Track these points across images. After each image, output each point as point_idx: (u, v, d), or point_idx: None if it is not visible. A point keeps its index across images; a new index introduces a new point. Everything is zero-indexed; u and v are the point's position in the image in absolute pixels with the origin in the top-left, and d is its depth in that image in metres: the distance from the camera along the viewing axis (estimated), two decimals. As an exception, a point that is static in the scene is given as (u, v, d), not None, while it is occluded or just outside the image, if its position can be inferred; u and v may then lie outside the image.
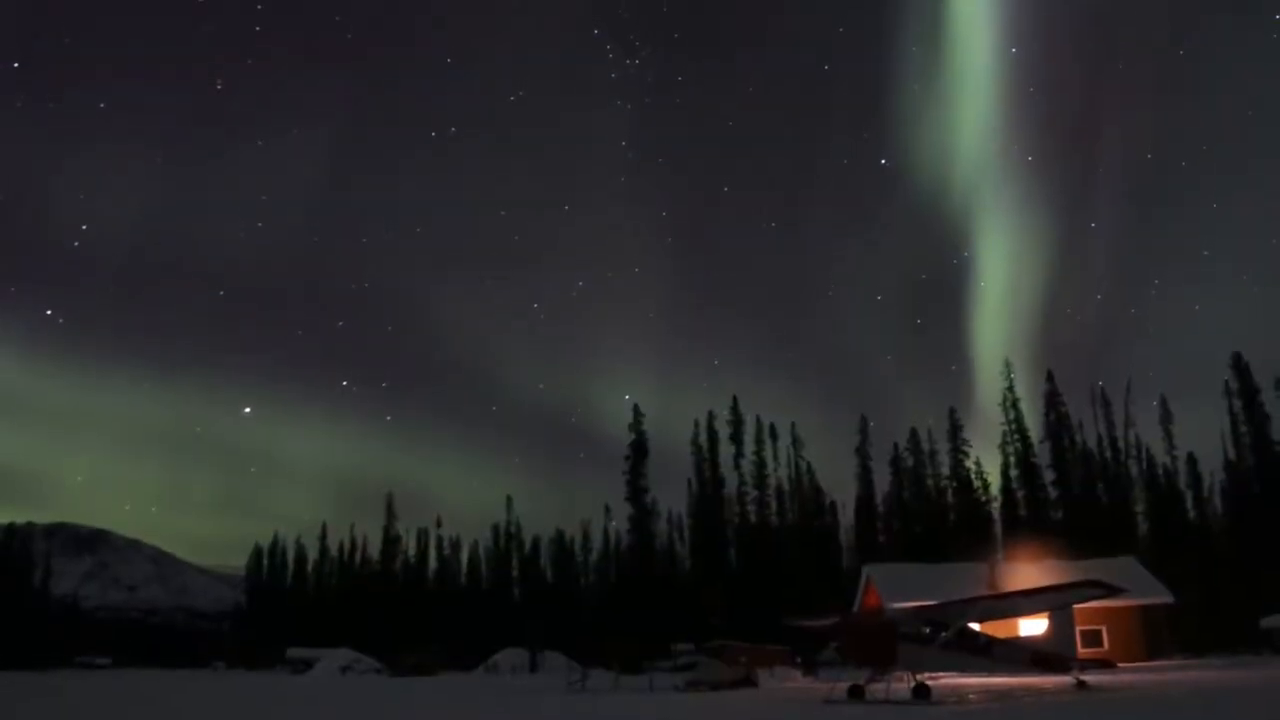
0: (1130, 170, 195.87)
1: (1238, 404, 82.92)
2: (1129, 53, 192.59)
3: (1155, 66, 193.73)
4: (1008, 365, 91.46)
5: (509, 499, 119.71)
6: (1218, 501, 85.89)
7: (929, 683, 27.60)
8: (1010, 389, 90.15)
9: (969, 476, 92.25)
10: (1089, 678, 32.09)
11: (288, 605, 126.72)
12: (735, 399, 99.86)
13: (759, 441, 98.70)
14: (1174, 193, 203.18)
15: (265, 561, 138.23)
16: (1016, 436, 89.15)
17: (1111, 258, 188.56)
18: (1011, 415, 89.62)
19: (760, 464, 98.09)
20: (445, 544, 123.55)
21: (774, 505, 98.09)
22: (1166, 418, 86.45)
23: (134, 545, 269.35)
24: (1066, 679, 31.90)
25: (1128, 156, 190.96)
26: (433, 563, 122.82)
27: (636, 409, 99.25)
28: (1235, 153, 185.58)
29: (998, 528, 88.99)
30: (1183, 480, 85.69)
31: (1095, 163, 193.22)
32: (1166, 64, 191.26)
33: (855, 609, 57.87)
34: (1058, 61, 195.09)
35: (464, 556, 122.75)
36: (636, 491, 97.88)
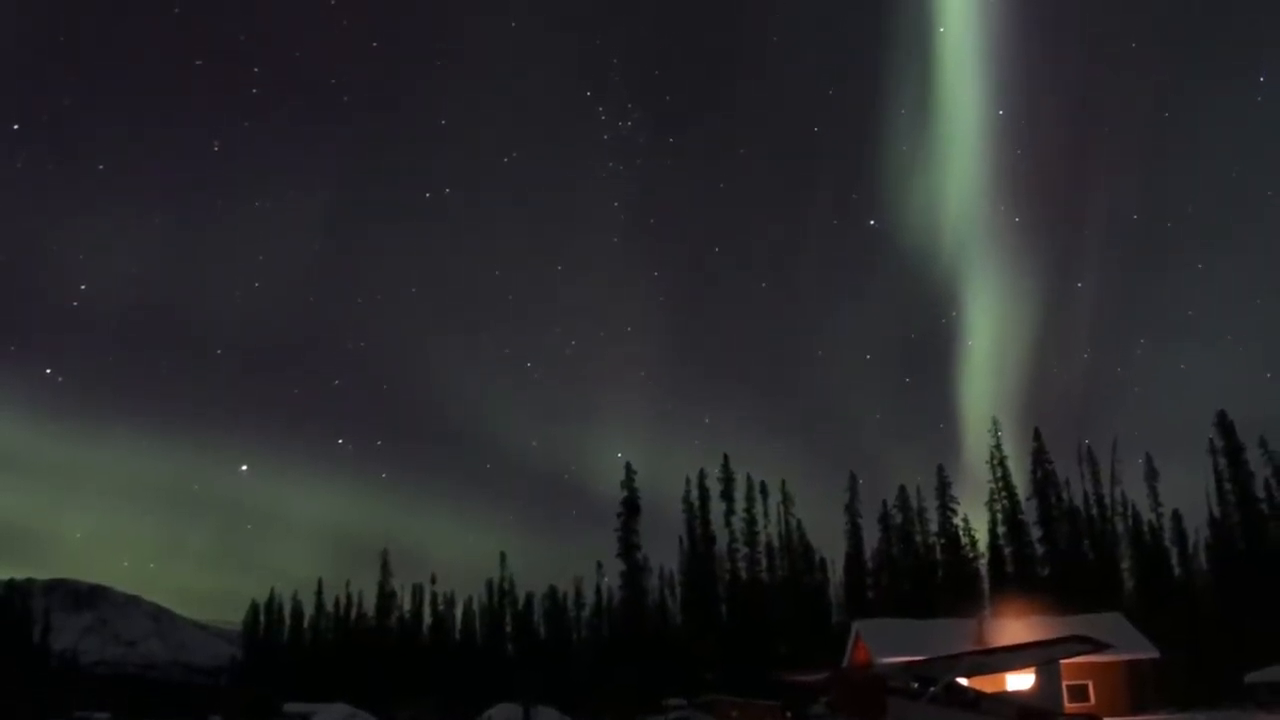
0: (1116, 232, 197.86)
1: (1222, 461, 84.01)
2: (1115, 116, 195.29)
3: (1140, 129, 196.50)
4: (995, 423, 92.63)
5: (503, 555, 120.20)
6: (1202, 558, 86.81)
7: (918, 736, 28.33)
8: (998, 447, 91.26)
9: (957, 533, 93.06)
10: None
11: (284, 660, 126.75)
12: (726, 457, 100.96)
13: (749, 499, 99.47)
14: (1159, 254, 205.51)
15: (262, 618, 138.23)
16: (1004, 494, 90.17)
17: (1098, 317, 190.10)
18: (999, 473, 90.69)
19: (751, 521, 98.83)
20: (440, 600, 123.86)
21: (764, 562, 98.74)
22: (1152, 475, 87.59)
23: (133, 601, 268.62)
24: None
25: (1114, 218, 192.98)
26: (427, 618, 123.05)
27: (629, 467, 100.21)
28: (1219, 215, 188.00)
29: (985, 584, 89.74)
30: (1168, 537, 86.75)
31: (1082, 224, 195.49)
32: (1151, 127, 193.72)
33: (845, 664, 58.57)
34: (1044, 125, 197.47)
35: (458, 612, 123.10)
36: (628, 548, 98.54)
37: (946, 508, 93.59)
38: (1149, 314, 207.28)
